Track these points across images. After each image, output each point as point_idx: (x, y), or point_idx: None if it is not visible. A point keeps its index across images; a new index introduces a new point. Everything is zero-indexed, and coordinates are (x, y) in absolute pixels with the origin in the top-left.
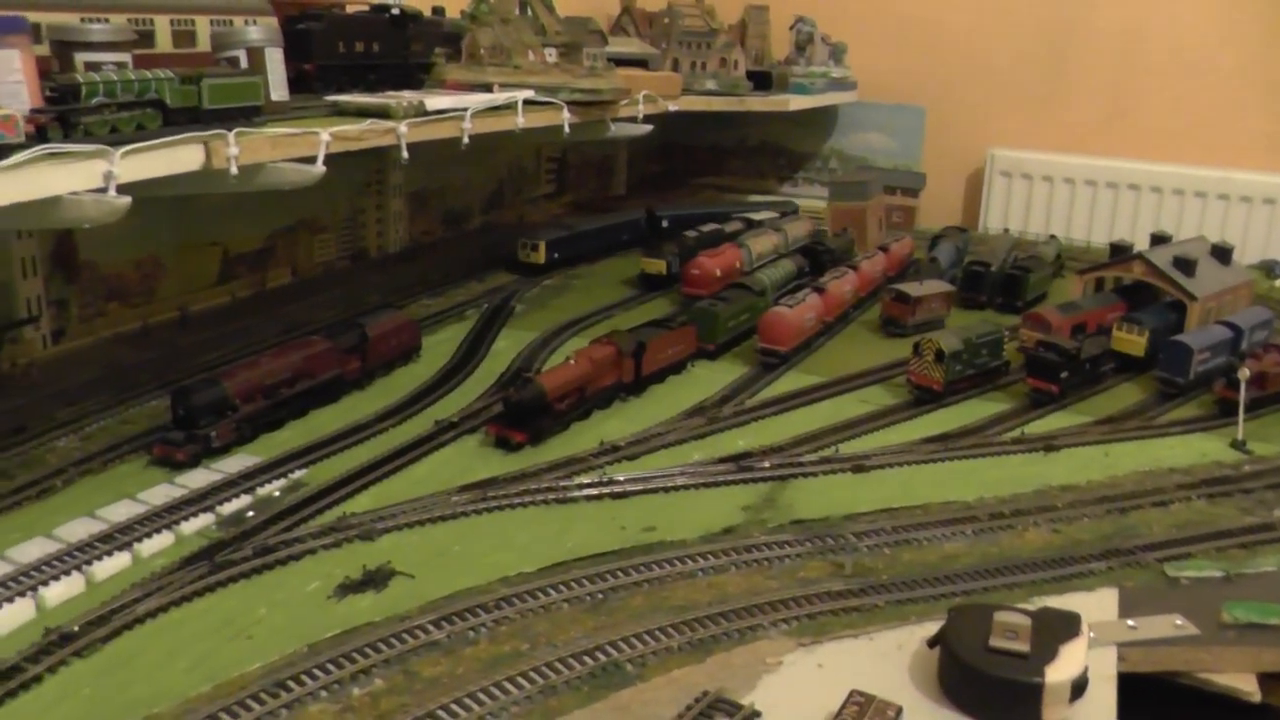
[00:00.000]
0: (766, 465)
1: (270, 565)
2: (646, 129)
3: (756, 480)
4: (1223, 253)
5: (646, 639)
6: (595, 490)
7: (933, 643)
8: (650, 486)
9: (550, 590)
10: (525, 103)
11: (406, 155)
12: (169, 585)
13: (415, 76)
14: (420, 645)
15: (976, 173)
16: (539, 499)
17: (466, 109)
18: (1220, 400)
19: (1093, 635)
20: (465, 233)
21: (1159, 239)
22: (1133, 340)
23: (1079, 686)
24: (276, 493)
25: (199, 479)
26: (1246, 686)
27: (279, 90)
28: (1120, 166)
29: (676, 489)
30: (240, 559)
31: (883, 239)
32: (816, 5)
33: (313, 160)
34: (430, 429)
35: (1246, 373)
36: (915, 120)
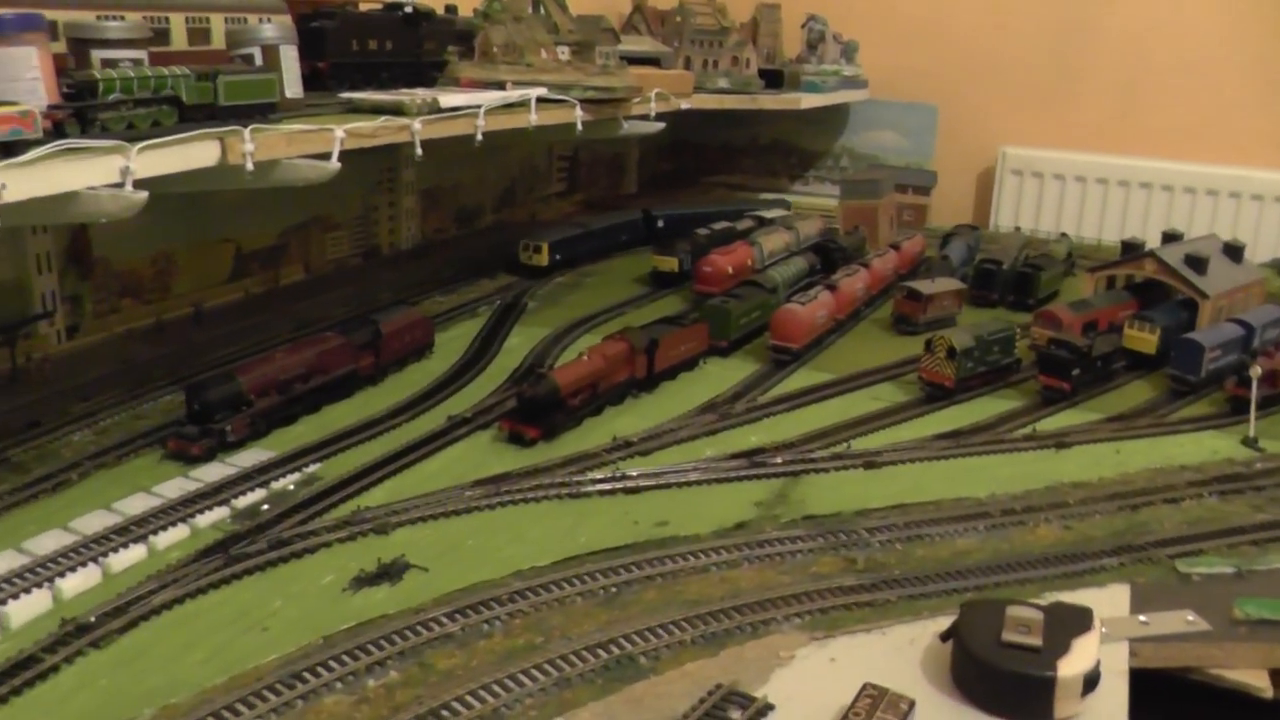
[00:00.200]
0: (779, 461)
1: (285, 558)
2: (659, 127)
3: (769, 476)
4: (1234, 251)
5: (660, 632)
6: (608, 485)
7: (945, 637)
8: (663, 482)
9: (564, 584)
10: (538, 100)
11: (420, 152)
12: (184, 577)
13: (428, 74)
14: (435, 638)
15: (988, 171)
16: (552, 494)
17: (480, 106)
18: (1232, 398)
19: (1105, 631)
20: (477, 230)
21: (1170, 237)
22: (1144, 338)
23: (1091, 681)
24: (291, 487)
25: (213, 473)
26: (1258, 683)
27: (293, 87)
28: (1131, 164)
29: (689, 484)
30: (255, 552)
31: (894, 237)
32: (828, 3)
33: (327, 157)
34: (443, 424)
35: (1258, 370)
36: (927, 118)
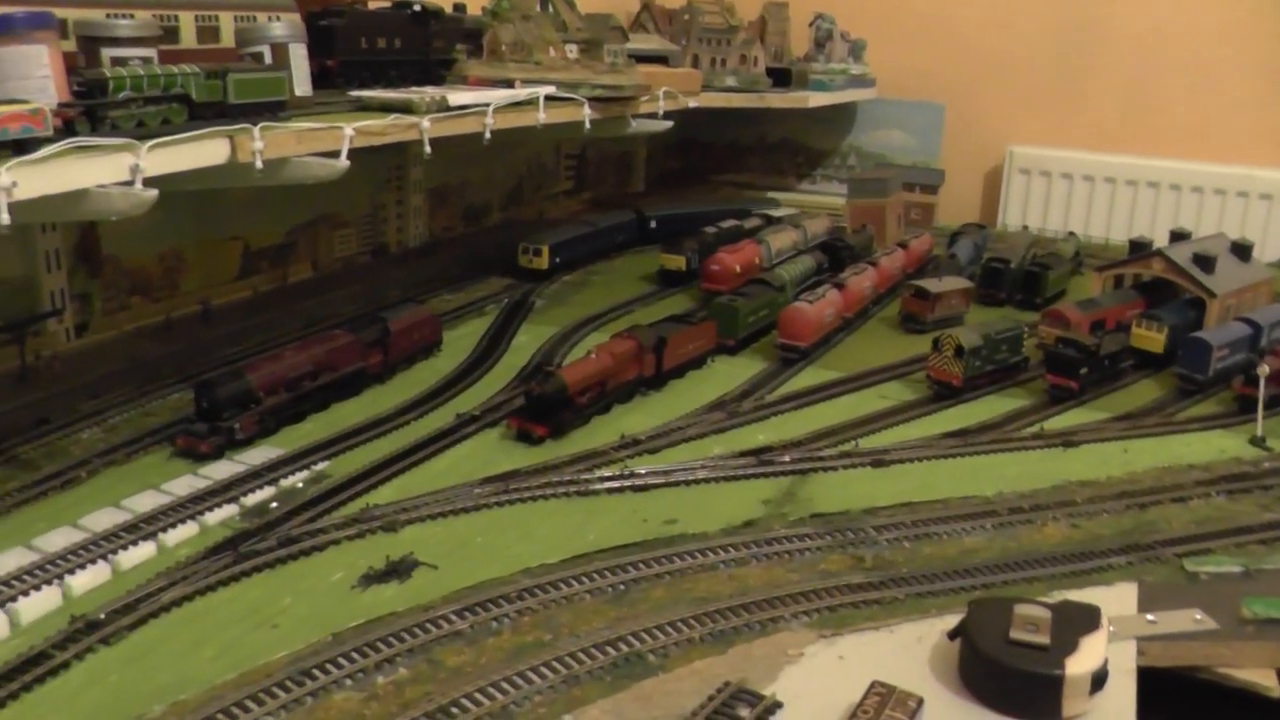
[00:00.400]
0: (786, 459)
1: (294, 555)
2: (667, 125)
3: (777, 474)
4: (1242, 250)
5: (668, 630)
6: (616, 483)
7: (953, 635)
8: (671, 480)
9: (573, 581)
10: (547, 99)
11: (429, 150)
12: (194, 574)
13: (436, 72)
14: (444, 635)
15: (995, 170)
16: (560, 492)
17: (489, 104)
18: (1239, 397)
19: (1112, 629)
20: (485, 228)
21: (1178, 236)
22: (1152, 337)
23: (1099, 679)
24: (299, 484)
25: (222, 470)
26: (1266, 682)
27: (303, 85)
28: (1139, 164)
29: (697, 482)
30: (264, 549)
31: (901, 236)
32: (836, 2)
33: (337, 155)
34: (452, 422)
35: (1266, 369)
36: (934, 117)
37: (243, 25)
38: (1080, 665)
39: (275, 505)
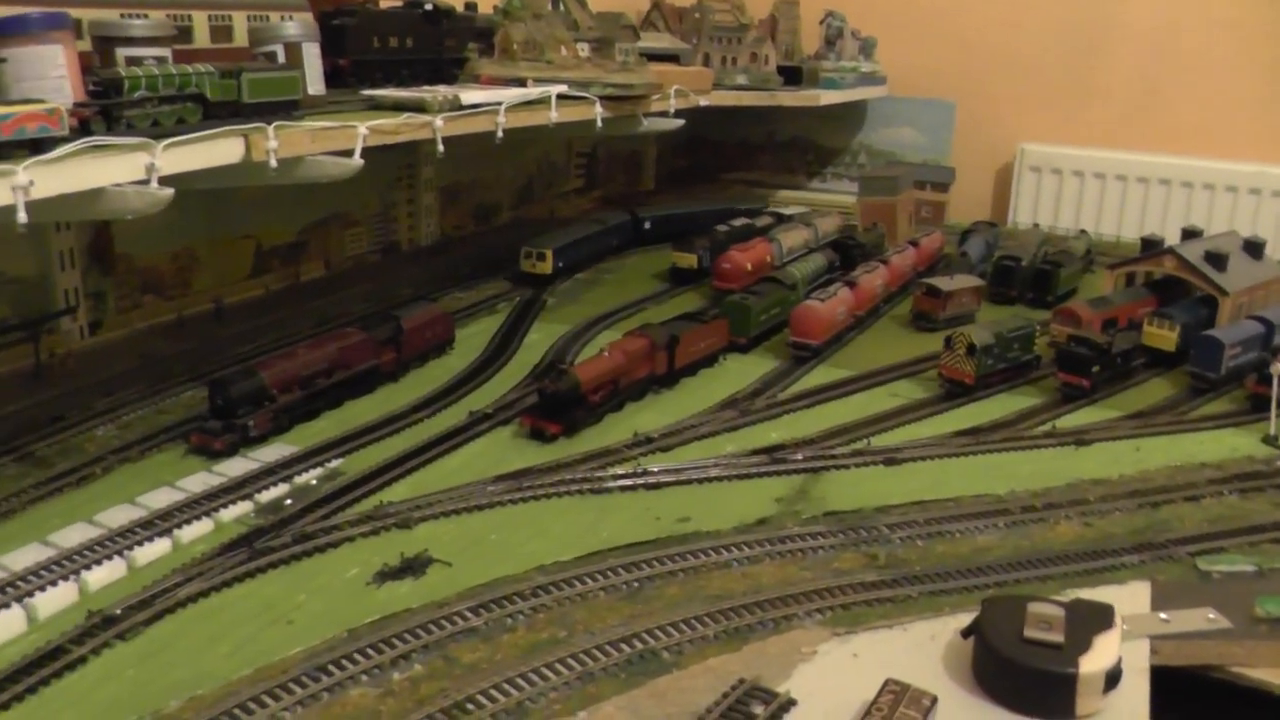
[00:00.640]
0: (799, 457)
1: (309, 552)
2: (678, 123)
3: (789, 472)
4: (1255, 247)
5: (683, 627)
6: (630, 481)
7: (967, 633)
8: (684, 478)
9: (587, 579)
10: (559, 97)
11: (442, 149)
12: (209, 571)
13: (448, 72)
14: (459, 631)
15: (1006, 168)
16: (574, 489)
17: (501, 103)
18: (1252, 395)
19: (1126, 628)
20: (496, 227)
21: (1190, 233)
22: (1164, 335)
23: (1113, 678)
24: (314, 481)
25: (237, 468)
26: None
27: (316, 85)
28: (1151, 161)
29: (710, 480)
30: (279, 546)
31: (912, 234)
32: (846, 0)
33: (350, 153)
34: (465, 420)
35: (1279, 368)
36: (945, 115)
37: (256, 25)
38: (1094, 663)
39: (290, 502)
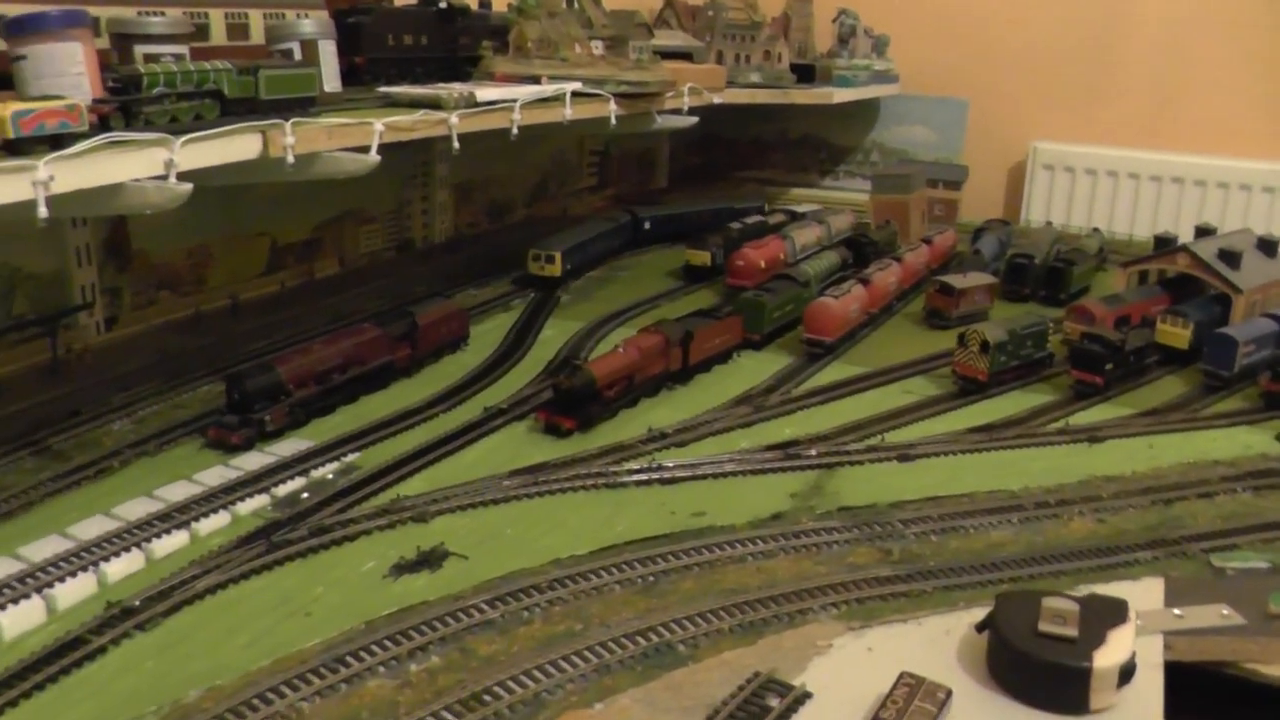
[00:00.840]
0: (813, 453)
1: (326, 545)
2: (692, 121)
3: (803, 468)
4: (1268, 245)
5: (698, 621)
6: (644, 476)
7: (981, 627)
8: (699, 473)
9: (602, 572)
10: (573, 94)
11: (458, 145)
12: (227, 563)
13: (463, 69)
14: (475, 624)
15: (1018, 166)
16: (589, 484)
17: (516, 100)
18: (1265, 393)
19: (1140, 623)
20: (509, 225)
21: (1204, 231)
22: (1177, 333)
23: (1126, 672)
24: (330, 475)
25: (253, 461)
26: None
27: (331, 82)
28: (1164, 160)
29: (724, 476)
30: (296, 539)
31: (925, 232)
32: None
33: (366, 150)
34: (480, 415)
35: None
36: (957, 113)
37: (272, 23)
38: (1108, 658)
39: (306, 495)
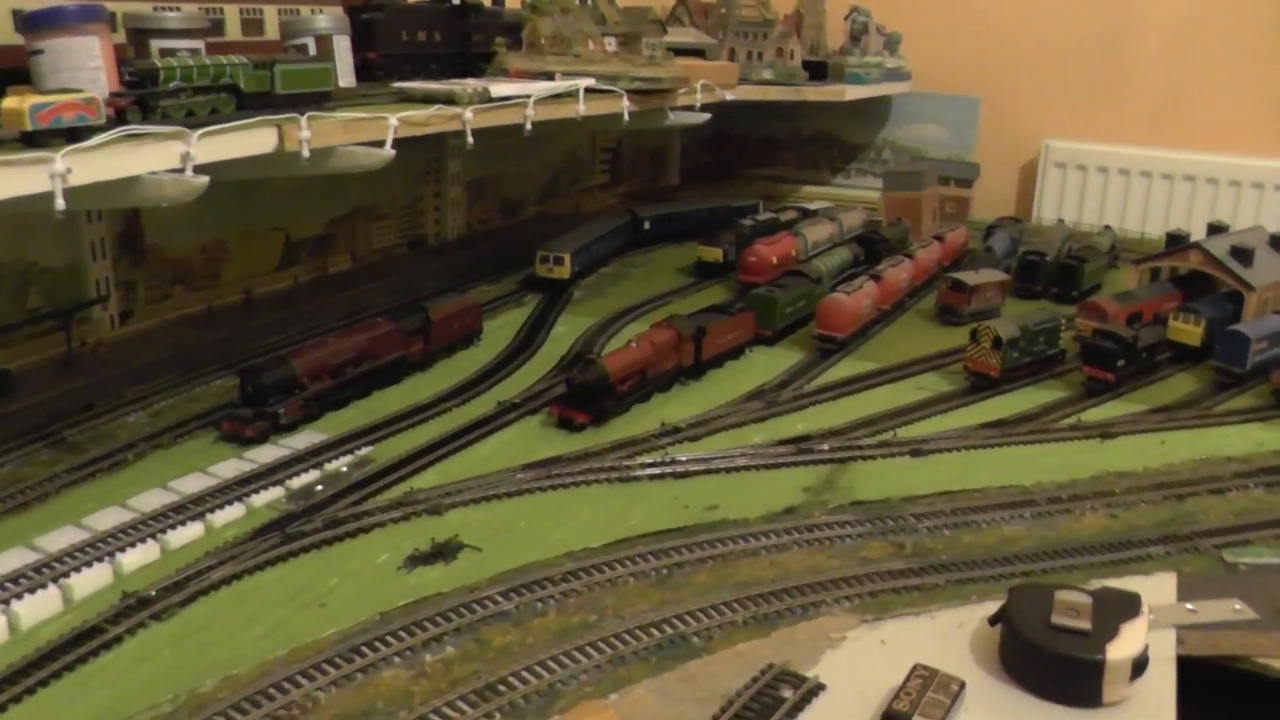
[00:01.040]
0: (826, 448)
1: (340, 537)
2: (704, 117)
3: (816, 463)
4: None
5: (712, 613)
6: (657, 470)
7: (994, 620)
8: (711, 467)
9: (616, 565)
10: (586, 91)
11: (472, 141)
12: (242, 554)
13: (476, 66)
14: (490, 615)
15: (1030, 164)
16: (602, 478)
17: (530, 96)
18: (1277, 390)
19: (1152, 617)
20: (521, 221)
21: (1216, 228)
22: (1189, 330)
23: (1139, 665)
24: (344, 468)
25: (267, 454)
26: None
27: (346, 77)
28: (1176, 157)
29: (737, 470)
30: (311, 531)
31: (936, 229)
32: None
33: (381, 144)
34: (493, 409)
35: None
36: (969, 111)
37: (287, 18)
38: (1121, 651)
39: (320, 488)
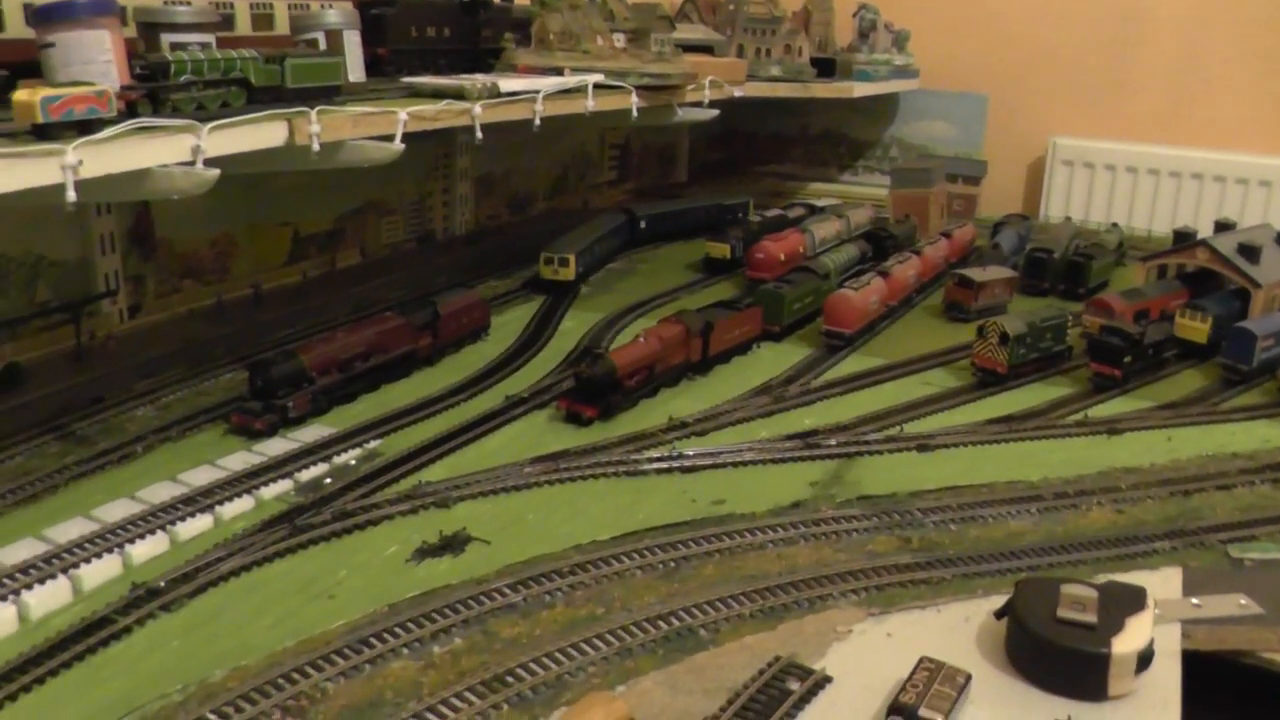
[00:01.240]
0: (833, 443)
1: (349, 530)
2: (712, 113)
3: (823, 457)
4: None
5: (719, 606)
6: (665, 464)
7: (1000, 614)
8: (719, 461)
9: (624, 558)
10: (595, 86)
11: (481, 136)
12: (251, 546)
13: (485, 62)
14: (498, 607)
15: (1038, 161)
16: (610, 471)
17: (539, 91)
18: None
19: (1158, 612)
20: (529, 217)
21: (1223, 226)
22: (1196, 327)
23: (1145, 659)
24: (353, 461)
25: (276, 447)
26: None
27: (356, 72)
28: (1183, 155)
29: (744, 464)
30: (320, 523)
31: (944, 226)
32: None
33: (391, 139)
34: (501, 404)
35: None
36: (977, 108)
37: (297, 13)
38: (1127, 644)
39: (329, 481)
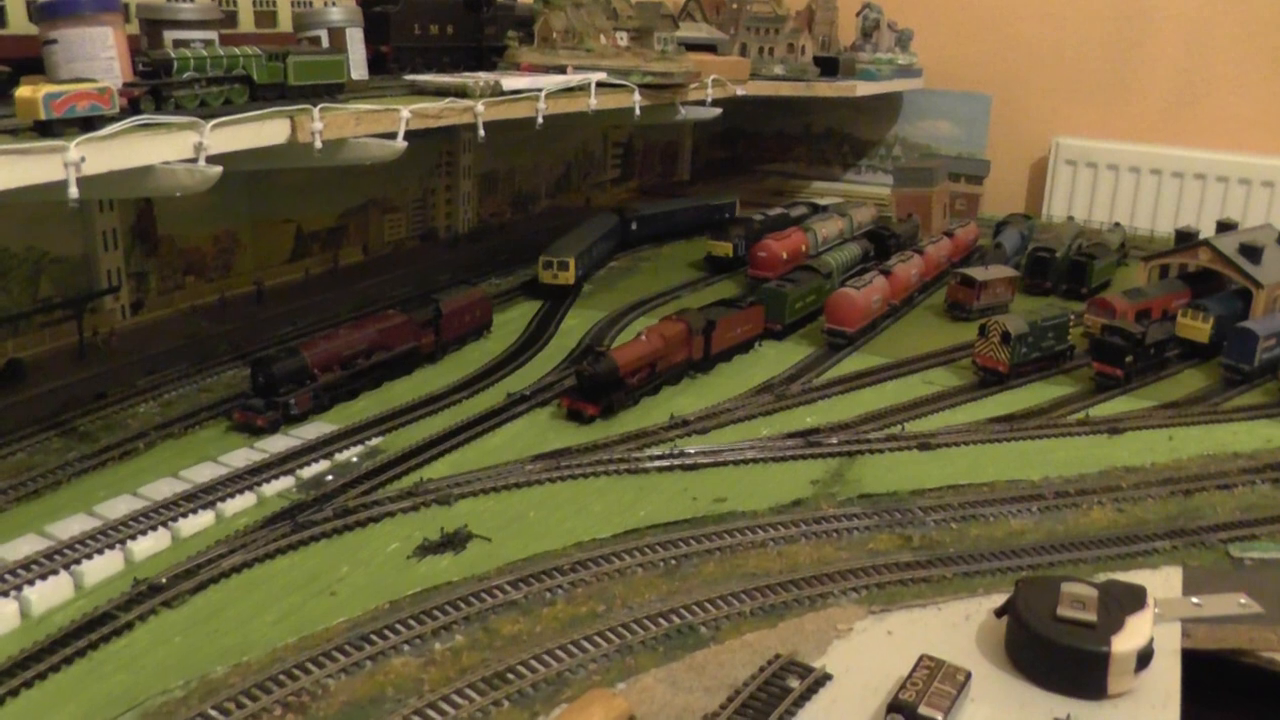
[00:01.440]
0: (834, 441)
1: (351, 526)
2: (715, 112)
3: (824, 456)
4: None
5: (720, 604)
6: (666, 462)
7: (1000, 612)
8: (720, 460)
9: (625, 555)
10: (598, 85)
11: (483, 134)
12: (253, 543)
13: (489, 60)
14: (499, 604)
15: (1041, 161)
16: (612, 469)
17: (541, 89)
18: None
19: (1158, 610)
20: (532, 215)
21: (1225, 226)
22: (1197, 327)
23: (1144, 657)
24: (354, 458)
25: (278, 444)
26: None
27: (359, 69)
28: (1186, 155)
29: (746, 462)
30: (321, 520)
31: (947, 225)
32: None
33: (393, 136)
34: (503, 401)
35: None
36: (980, 108)
37: (300, 10)
38: (1126, 643)
39: (331, 478)
